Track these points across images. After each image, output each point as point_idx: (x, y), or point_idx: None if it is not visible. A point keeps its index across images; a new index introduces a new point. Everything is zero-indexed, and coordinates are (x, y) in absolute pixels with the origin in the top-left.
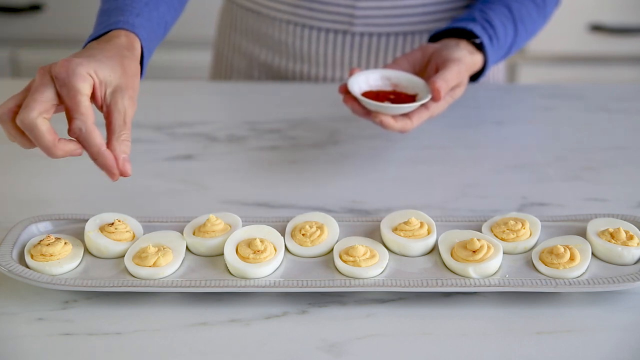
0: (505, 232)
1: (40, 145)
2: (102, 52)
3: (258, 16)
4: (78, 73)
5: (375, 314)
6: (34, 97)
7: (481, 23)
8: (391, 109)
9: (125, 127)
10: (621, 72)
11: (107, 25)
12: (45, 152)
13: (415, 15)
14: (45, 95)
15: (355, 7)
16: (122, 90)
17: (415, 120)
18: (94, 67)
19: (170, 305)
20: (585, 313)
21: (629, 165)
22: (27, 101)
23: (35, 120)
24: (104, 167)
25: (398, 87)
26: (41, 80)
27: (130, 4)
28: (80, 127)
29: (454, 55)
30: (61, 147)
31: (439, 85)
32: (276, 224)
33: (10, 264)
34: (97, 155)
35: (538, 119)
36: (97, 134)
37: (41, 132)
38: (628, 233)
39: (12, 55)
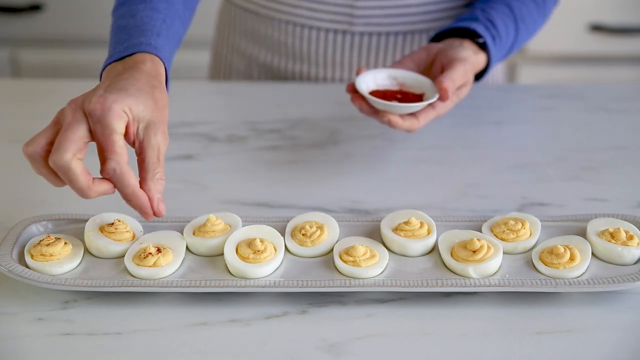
0: (505, 232)
1: (74, 187)
2: (134, 85)
3: (257, 17)
4: (114, 111)
5: (375, 314)
6: (67, 137)
7: (484, 22)
8: (399, 108)
9: (159, 164)
10: (621, 72)
11: (128, 46)
12: (79, 194)
13: (415, 14)
14: (78, 133)
15: (355, 7)
16: (155, 125)
17: (422, 120)
18: (129, 103)
19: (170, 305)
20: (585, 313)
21: (629, 165)
22: (59, 141)
23: (69, 162)
24: (137, 207)
25: (405, 87)
26: (73, 117)
27: (149, 22)
28: (115, 167)
29: (459, 54)
30: (95, 188)
31: (446, 85)
32: (276, 224)
33: (10, 264)
34: (132, 196)
35: (538, 119)
36: (131, 175)
37: (76, 174)
38: (628, 233)
39: (12, 55)
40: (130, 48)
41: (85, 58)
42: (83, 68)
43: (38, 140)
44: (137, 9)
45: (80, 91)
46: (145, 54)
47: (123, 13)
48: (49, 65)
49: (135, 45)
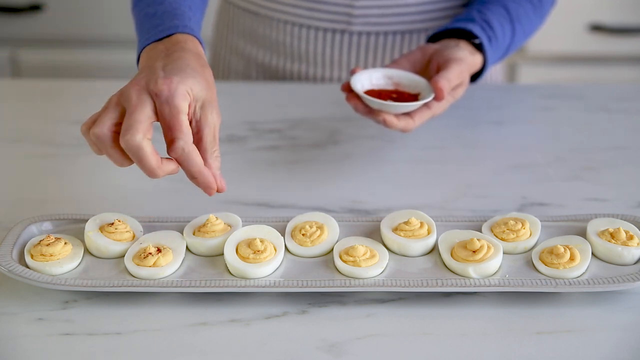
0: (505, 232)
1: (145, 166)
2: (189, 65)
3: (255, 16)
4: (180, 92)
5: (375, 314)
6: (137, 118)
7: (480, 23)
8: (394, 107)
9: (215, 142)
10: (621, 72)
11: (165, 29)
12: (148, 173)
13: (413, 14)
14: (146, 113)
15: (354, 7)
16: (210, 104)
17: (417, 120)
18: (190, 84)
19: (170, 305)
20: (585, 313)
21: (629, 165)
22: (129, 122)
23: (141, 142)
24: (203, 184)
25: (400, 87)
26: (139, 98)
27: (179, 8)
28: (183, 146)
29: (455, 55)
30: (163, 168)
31: (441, 85)
32: (276, 224)
33: (10, 264)
34: (199, 174)
35: (538, 119)
36: (197, 153)
37: (147, 154)
38: (628, 233)
39: (12, 55)
40: (167, 30)
41: (85, 58)
42: (83, 68)
43: (104, 121)
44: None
45: (80, 91)
46: (184, 34)
47: (149, 2)
48: (49, 65)
49: (172, 27)
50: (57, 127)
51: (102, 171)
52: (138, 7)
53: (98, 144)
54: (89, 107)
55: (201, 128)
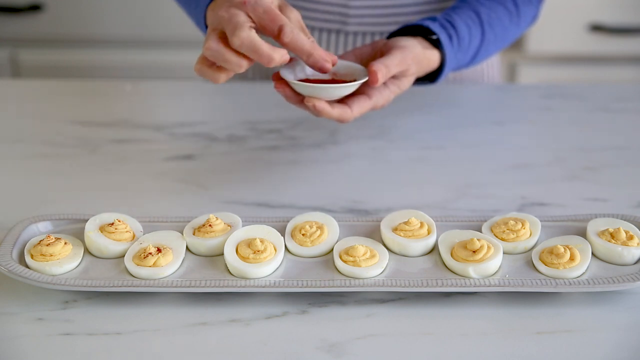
0: (505, 232)
1: (262, 55)
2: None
3: None
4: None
5: (375, 314)
6: (237, 20)
7: (441, 22)
8: (322, 90)
9: (306, 31)
10: (621, 72)
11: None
12: (265, 61)
13: (407, 14)
14: (242, 17)
15: (349, 7)
16: (286, 5)
17: (355, 109)
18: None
19: (170, 305)
20: (585, 313)
21: (629, 165)
22: (230, 26)
23: (249, 33)
24: (320, 57)
25: (337, 76)
26: (229, 12)
27: None
28: (290, 30)
29: (399, 43)
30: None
31: (376, 68)
32: (276, 224)
33: (10, 264)
34: (313, 49)
35: (538, 119)
36: (303, 35)
37: (260, 43)
38: (628, 233)
39: (12, 55)
40: None
41: (85, 58)
42: (83, 68)
43: (209, 40)
44: None
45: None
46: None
47: None
48: (49, 65)
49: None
50: (57, 127)
51: (102, 171)
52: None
53: (213, 56)
54: (89, 107)
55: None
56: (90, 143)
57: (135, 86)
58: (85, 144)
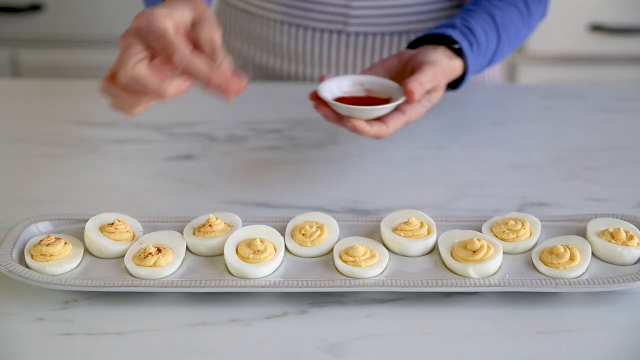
0: (505, 232)
1: (148, 88)
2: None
3: (252, 17)
4: (157, 16)
5: (375, 314)
6: (125, 55)
7: (461, 29)
8: (362, 111)
9: (216, 51)
10: (621, 72)
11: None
12: (156, 96)
13: (410, 14)
14: (135, 49)
15: (350, 7)
16: (202, 20)
17: (390, 126)
18: (169, 10)
19: (170, 305)
20: (585, 313)
21: (629, 165)
22: (117, 62)
23: (132, 69)
24: (218, 86)
25: (372, 92)
26: (125, 42)
27: None
28: (181, 56)
29: (429, 58)
30: (169, 83)
31: (412, 87)
32: (276, 224)
33: (10, 264)
34: (210, 75)
35: (538, 119)
36: (200, 59)
37: (144, 76)
38: (628, 233)
39: (12, 56)
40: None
41: (85, 58)
42: (83, 68)
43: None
44: None
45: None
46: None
47: None
48: (49, 65)
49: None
50: (57, 127)
51: (102, 171)
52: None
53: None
54: (89, 107)
55: (199, 45)
56: (90, 143)
57: None
58: (85, 144)
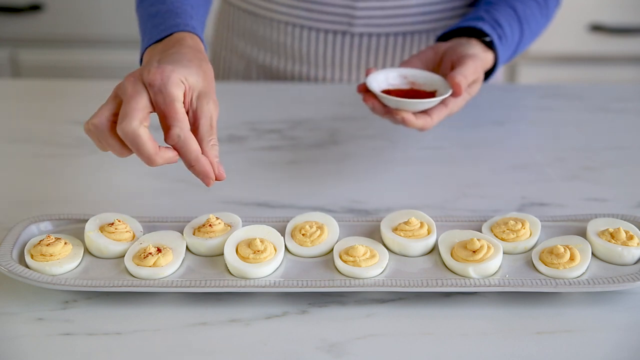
0: (505, 232)
1: (142, 154)
2: (184, 57)
3: (255, 18)
4: (173, 79)
5: (375, 314)
6: (132, 106)
7: (489, 22)
8: (413, 104)
9: (212, 131)
10: (621, 72)
11: (166, 28)
12: (146, 161)
13: (414, 15)
14: (142, 103)
15: (355, 8)
16: (207, 94)
17: (435, 118)
18: (184, 73)
19: (170, 305)
20: (585, 313)
21: (629, 165)
22: (125, 110)
23: (137, 129)
24: (201, 173)
25: (416, 85)
26: (134, 88)
27: (180, 7)
28: (179, 133)
29: (469, 51)
30: (161, 154)
31: (458, 80)
32: (276, 224)
33: (10, 264)
34: (195, 161)
35: (538, 119)
36: (194, 140)
37: (143, 141)
38: (628, 233)
39: (12, 56)
40: (168, 29)
41: (85, 58)
42: (83, 68)
43: (102, 112)
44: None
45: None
46: (184, 32)
47: (152, 1)
48: (49, 65)
49: (173, 27)
50: (57, 127)
51: (102, 171)
52: (141, 7)
53: (97, 134)
54: (89, 107)
55: (197, 118)
56: (90, 143)
57: None
58: (85, 144)
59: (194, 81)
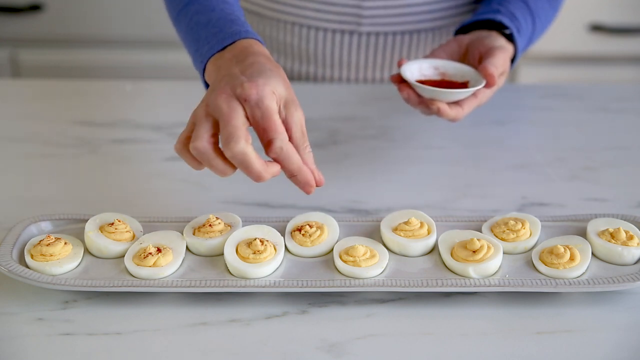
0: (505, 232)
1: (251, 172)
2: (265, 66)
3: (260, 18)
4: (267, 92)
5: (375, 314)
6: (234, 125)
7: (507, 15)
8: (449, 94)
9: (305, 137)
10: (621, 72)
11: (226, 36)
12: (254, 178)
13: (421, 13)
14: (240, 119)
15: (362, 7)
16: (293, 102)
17: (466, 108)
18: (273, 84)
19: (170, 305)
20: (585, 313)
21: (629, 165)
22: (227, 131)
23: (245, 148)
24: (303, 182)
25: (446, 76)
26: (229, 106)
27: (232, 13)
28: (281, 146)
29: (496, 43)
30: (268, 170)
31: (492, 71)
32: (276, 224)
33: (10, 264)
34: (298, 171)
35: (538, 119)
36: (294, 151)
37: (253, 159)
38: (628, 233)
39: (12, 56)
40: (229, 37)
41: (85, 58)
42: (83, 68)
43: (201, 134)
44: (211, 4)
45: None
46: (247, 39)
47: (197, 9)
48: (49, 65)
49: (234, 34)
50: (57, 127)
51: (102, 171)
52: (185, 16)
53: (200, 157)
54: (89, 107)
55: (289, 126)
56: (90, 143)
57: (135, 86)
58: (85, 144)
59: (281, 91)
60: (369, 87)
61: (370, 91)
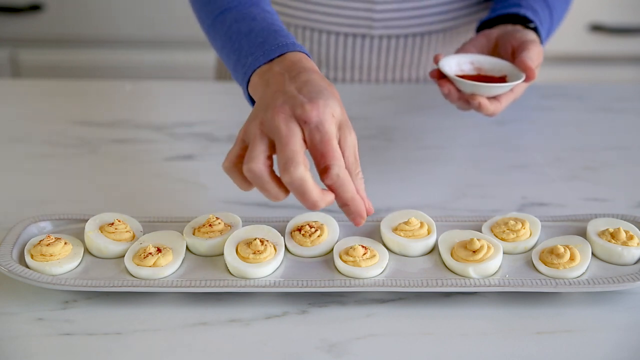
0: (505, 232)
1: (307, 200)
2: (320, 85)
3: None
4: (328, 115)
5: (375, 314)
6: (292, 149)
7: (529, 9)
8: (490, 88)
9: (357, 163)
10: (621, 72)
11: (274, 47)
12: (309, 206)
13: (433, 15)
14: (299, 143)
15: (374, 11)
16: (347, 124)
17: (503, 103)
18: (332, 106)
19: (170, 305)
20: (585, 313)
21: (629, 165)
22: (286, 155)
23: (304, 175)
24: (355, 212)
25: (482, 71)
26: (288, 128)
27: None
28: (338, 173)
29: (527, 37)
30: (324, 199)
31: (530, 64)
32: (276, 224)
33: (10, 264)
34: (351, 201)
35: (538, 119)
36: (349, 180)
37: (310, 187)
38: (628, 233)
39: (12, 56)
40: (277, 49)
41: (85, 58)
42: (83, 68)
43: (256, 155)
44: (252, 12)
45: (80, 91)
46: (296, 52)
47: (236, 17)
48: (49, 65)
49: (281, 46)
50: (57, 127)
51: (102, 171)
52: (222, 24)
53: (254, 180)
54: (89, 107)
55: (343, 150)
56: (90, 143)
57: (135, 86)
58: (85, 144)
59: (338, 112)
60: (369, 87)
61: (370, 91)
